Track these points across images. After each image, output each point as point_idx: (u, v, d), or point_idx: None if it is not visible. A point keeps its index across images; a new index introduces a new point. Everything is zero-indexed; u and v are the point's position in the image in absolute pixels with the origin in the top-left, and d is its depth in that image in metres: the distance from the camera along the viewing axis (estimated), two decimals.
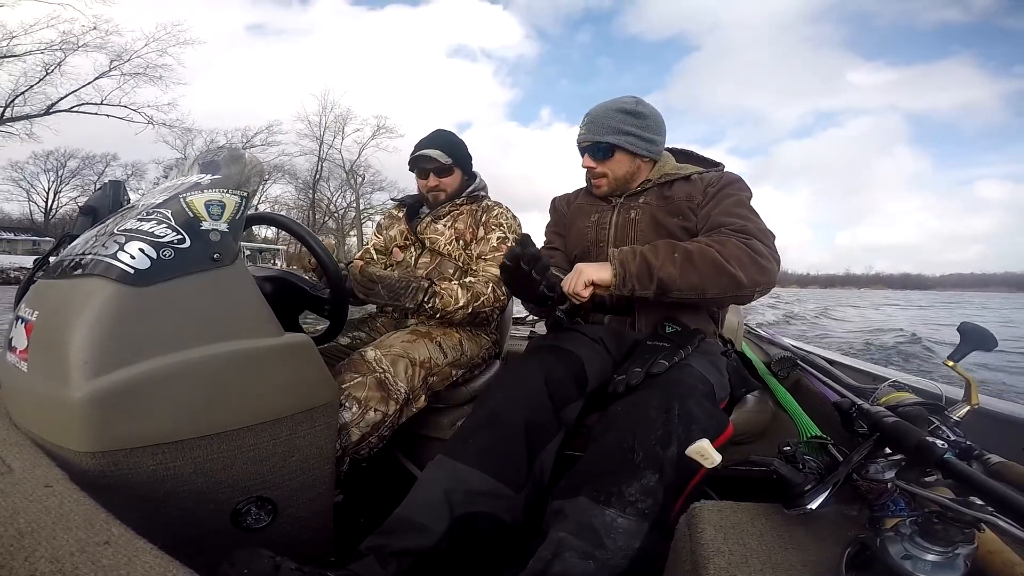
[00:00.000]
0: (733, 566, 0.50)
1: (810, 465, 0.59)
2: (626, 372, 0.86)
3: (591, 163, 1.17)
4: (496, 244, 1.36)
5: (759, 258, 0.92)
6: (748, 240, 0.94)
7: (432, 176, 1.40)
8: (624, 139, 1.13)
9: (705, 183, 1.12)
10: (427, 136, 1.44)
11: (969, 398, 0.71)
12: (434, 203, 1.42)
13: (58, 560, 0.39)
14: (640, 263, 0.91)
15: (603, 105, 1.16)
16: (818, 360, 1.36)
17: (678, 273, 0.90)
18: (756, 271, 0.91)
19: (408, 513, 0.73)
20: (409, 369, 1.03)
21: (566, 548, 0.63)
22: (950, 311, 21.54)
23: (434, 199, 1.42)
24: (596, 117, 1.14)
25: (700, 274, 0.90)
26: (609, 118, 1.13)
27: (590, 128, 1.14)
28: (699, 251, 0.91)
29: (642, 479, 0.68)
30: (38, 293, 0.71)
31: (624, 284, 0.92)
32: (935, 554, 0.45)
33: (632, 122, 1.13)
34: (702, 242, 0.94)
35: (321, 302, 0.93)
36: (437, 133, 1.45)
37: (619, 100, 1.16)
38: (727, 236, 0.96)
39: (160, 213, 0.69)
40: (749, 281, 0.91)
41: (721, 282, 0.90)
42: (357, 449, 0.92)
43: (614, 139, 1.13)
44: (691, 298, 0.93)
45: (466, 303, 1.23)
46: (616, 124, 1.12)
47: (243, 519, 0.71)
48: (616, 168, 1.16)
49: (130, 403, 0.59)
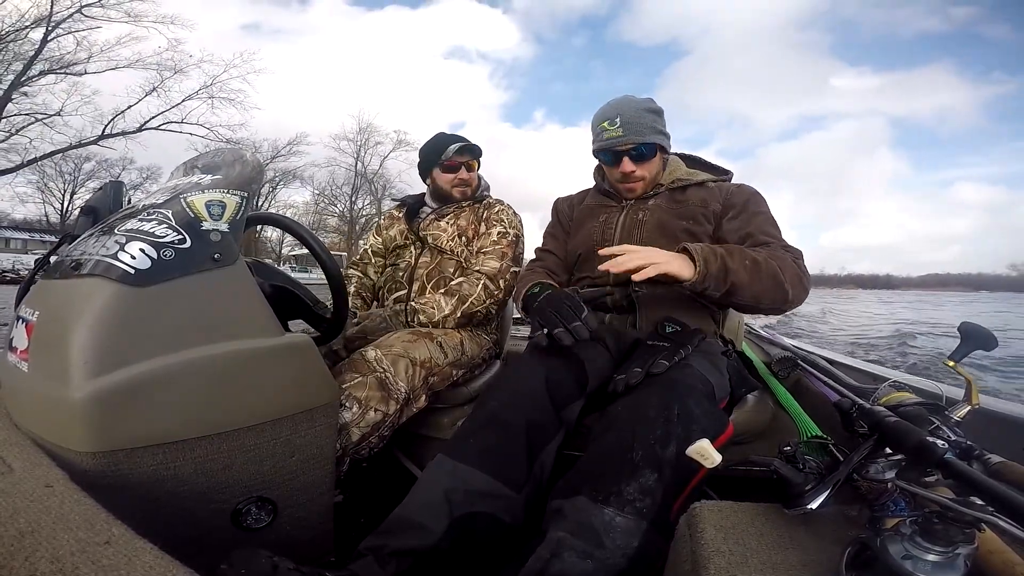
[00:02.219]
0: (733, 566, 0.50)
1: (810, 465, 0.59)
2: (626, 372, 0.86)
3: (631, 166, 1.14)
4: (496, 238, 1.37)
5: (804, 279, 0.98)
6: (798, 260, 0.99)
7: (464, 169, 1.42)
8: (662, 139, 1.15)
9: (724, 193, 1.13)
10: (450, 135, 1.46)
11: (969, 398, 0.71)
12: (460, 198, 1.44)
13: (58, 560, 0.39)
14: (720, 265, 0.91)
15: (629, 106, 1.13)
16: (818, 360, 1.36)
17: (748, 280, 0.92)
18: (800, 290, 0.97)
19: (407, 513, 0.73)
20: (409, 369, 1.03)
21: (565, 548, 0.63)
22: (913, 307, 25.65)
23: (461, 195, 1.44)
24: (631, 118, 1.11)
25: (763, 285, 0.93)
26: (643, 118, 1.12)
27: (629, 129, 1.11)
28: (765, 263, 0.94)
29: (641, 478, 0.68)
30: (39, 293, 0.71)
31: (703, 281, 0.91)
32: (935, 554, 0.45)
33: (660, 121, 1.15)
34: (766, 254, 0.96)
35: (319, 319, 0.92)
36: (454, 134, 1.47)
37: (639, 100, 1.15)
38: (782, 253, 0.99)
39: (161, 213, 0.69)
40: (793, 298, 0.96)
41: (776, 295, 0.95)
42: (357, 449, 0.92)
43: (656, 139, 1.13)
44: (744, 304, 0.97)
45: (453, 309, 1.24)
46: (651, 123, 1.13)
47: (243, 519, 0.71)
48: (652, 169, 1.16)
49: (131, 403, 0.59)
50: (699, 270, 0.90)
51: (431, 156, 1.45)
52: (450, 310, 1.24)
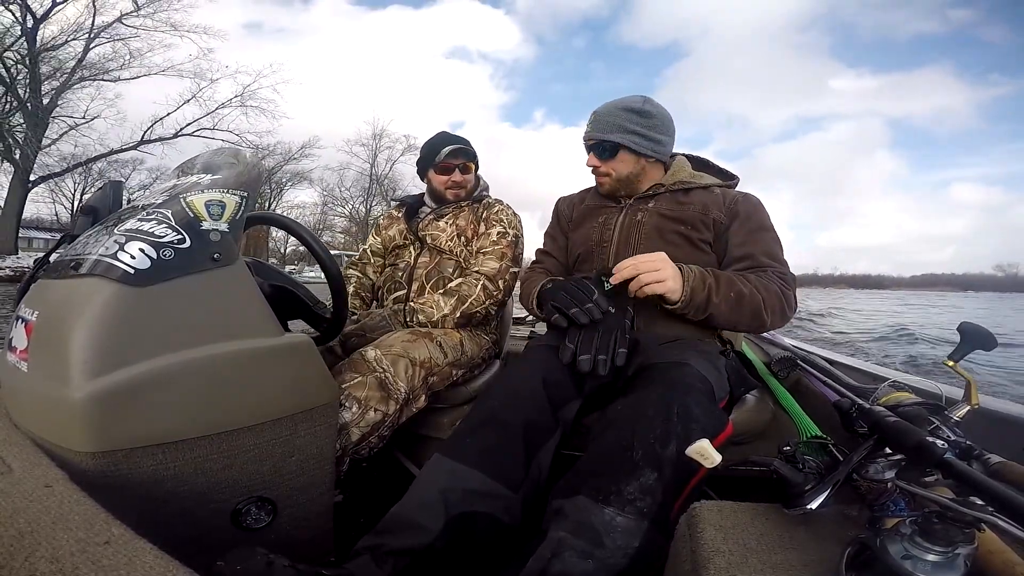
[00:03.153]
0: (733, 566, 0.50)
1: (810, 465, 0.59)
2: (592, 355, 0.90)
3: (595, 161, 1.17)
4: (496, 238, 1.36)
5: (787, 310, 1.01)
6: (786, 291, 1.01)
7: (457, 172, 1.41)
8: (628, 138, 1.12)
9: (728, 200, 1.12)
10: (446, 135, 1.46)
11: (969, 398, 0.71)
12: (454, 200, 1.43)
13: (58, 560, 0.39)
14: (704, 297, 0.95)
15: (611, 103, 1.15)
16: (818, 360, 1.36)
17: (727, 312, 0.96)
18: (779, 319, 1.00)
19: (404, 512, 0.73)
20: (409, 369, 1.03)
21: (565, 547, 0.63)
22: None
23: (455, 196, 1.43)
24: (602, 115, 1.15)
25: (741, 315, 0.97)
26: (614, 116, 1.13)
27: (595, 126, 1.15)
28: (750, 297, 0.97)
29: (641, 478, 0.68)
30: (38, 293, 0.71)
31: (684, 308, 0.96)
32: (935, 554, 0.45)
33: (638, 121, 1.12)
34: (754, 285, 0.98)
35: (319, 319, 0.92)
36: (452, 134, 1.46)
37: (627, 98, 1.15)
38: (771, 282, 1.00)
39: (160, 213, 0.69)
40: (771, 325, 1.00)
41: (752, 324, 0.99)
42: (357, 449, 0.92)
43: (618, 138, 1.12)
44: (720, 326, 1.03)
45: (452, 309, 1.24)
46: (621, 123, 1.12)
47: (243, 519, 0.71)
48: (620, 167, 1.16)
49: (130, 403, 0.59)
50: (683, 298, 0.94)
51: (427, 157, 1.44)
52: (449, 310, 1.24)
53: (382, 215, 1.66)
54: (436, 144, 1.43)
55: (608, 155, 1.15)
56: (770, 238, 1.08)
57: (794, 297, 1.02)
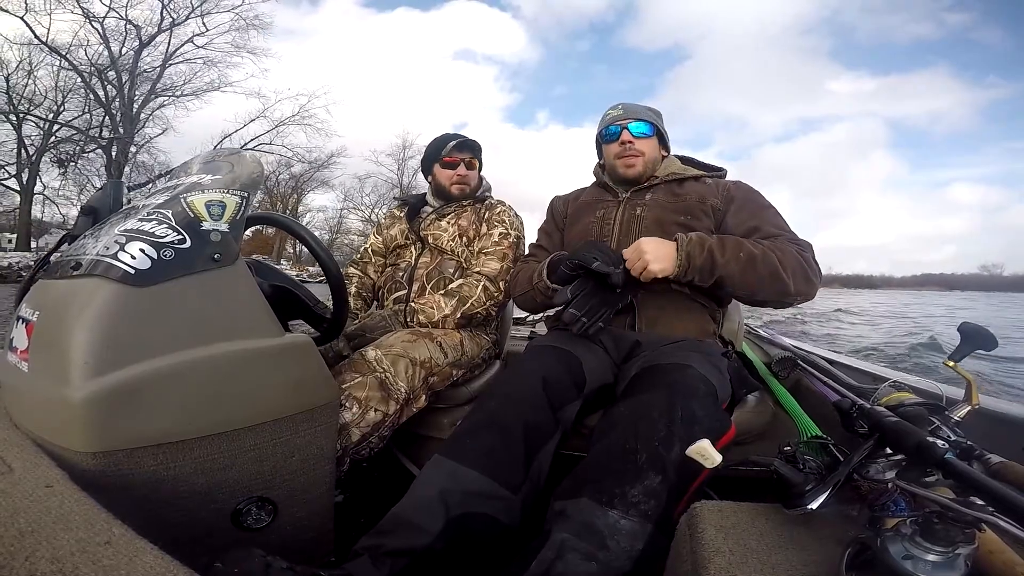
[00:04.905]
0: (733, 566, 0.50)
1: (810, 465, 0.59)
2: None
3: (631, 136, 1.19)
4: (497, 239, 1.37)
5: (810, 272, 0.98)
6: (804, 253, 0.99)
7: (463, 166, 1.43)
8: (661, 125, 1.22)
9: (721, 188, 1.15)
10: (451, 133, 1.48)
11: (969, 398, 0.71)
12: (459, 195, 1.44)
13: (59, 560, 0.39)
14: (706, 257, 0.94)
15: (631, 102, 1.25)
16: (818, 360, 1.36)
17: (739, 272, 0.94)
18: (805, 283, 0.96)
19: (403, 513, 0.73)
20: (409, 369, 1.03)
21: (569, 549, 0.63)
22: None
23: (459, 191, 1.44)
24: (629, 105, 1.23)
25: (758, 277, 0.94)
26: (641, 109, 1.22)
27: (629, 111, 1.21)
28: (763, 255, 0.94)
29: (645, 480, 0.68)
30: (39, 293, 0.71)
31: (685, 275, 0.95)
32: (936, 554, 0.45)
33: (656, 117, 1.22)
34: (766, 247, 0.97)
35: (319, 319, 0.92)
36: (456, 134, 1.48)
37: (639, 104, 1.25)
38: (786, 244, 0.99)
39: (161, 213, 0.69)
40: (797, 291, 0.95)
41: (774, 288, 0.95)
42: (357, 449, 0.92)
43: (655, 121, 1.21)
44: (740, 296, 1.00)
45: (452, 310, 1.24)
46: (648, 114, 1.21)
47: (244, 519, 0.71)
48: (649, 148, 1.20)
49: (131, 403, 0.59)
50: (680, 264, 0.94)
51: (432, 153, 1.46)
52: (449, 311, 1.24)
53: (384, 214, 1.66)
54: (442, 140, 1.46)
55: (643, 135, 1.19)
56: (773, 212, 1.09)
57: (815, 261, 0.99)
